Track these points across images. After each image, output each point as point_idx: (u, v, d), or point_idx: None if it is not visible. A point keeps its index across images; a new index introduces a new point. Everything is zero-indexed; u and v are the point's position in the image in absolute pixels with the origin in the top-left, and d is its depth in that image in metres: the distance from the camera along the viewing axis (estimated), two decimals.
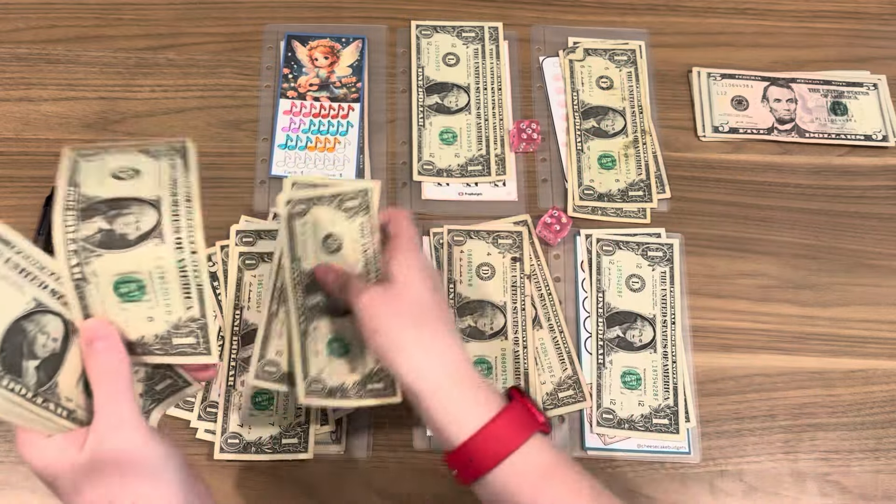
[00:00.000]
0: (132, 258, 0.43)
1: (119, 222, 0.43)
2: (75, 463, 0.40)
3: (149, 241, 0.44)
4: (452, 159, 0.74)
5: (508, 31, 0.80)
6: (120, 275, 0.43)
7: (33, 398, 0.40)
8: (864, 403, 0.67)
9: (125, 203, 0.43)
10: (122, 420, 0.41)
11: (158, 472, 0.41)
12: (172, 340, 0.45)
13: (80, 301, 0.43)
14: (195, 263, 0.44)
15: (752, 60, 0.81)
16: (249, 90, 0.77)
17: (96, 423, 0.41)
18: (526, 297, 0.69)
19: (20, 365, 0.40)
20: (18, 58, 0.77)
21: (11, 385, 0.39)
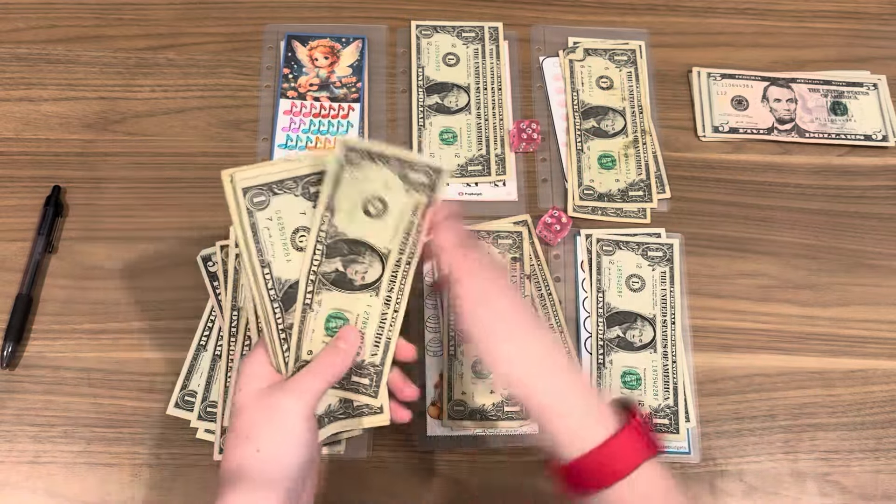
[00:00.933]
0: (349, 300, 0.51)
1: (351, 269, 0.51)
2: (253, 390, 0.49)
3: (368, 291, 0.51)
4: (453, 159, 0.74)
5: (508, 31, 0.80)
6: (335, 309, 0.51)
7: (280, 330, 0.50)
8: (864, 403, 0.67)
9: (362, 250, 0.50)
10: (301, 391, 0.48)
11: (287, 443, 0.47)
12: (352, 377, 0.52)
13: (300, 323, 0.50)
14: (394, 320, 0.52)
15: (752, 60, 0.81)
16: (249, 90, 0.77)
17: (288, 382, 0.49)
18: (526, 298, 0.69)
19: (291, 305, 0.50)
20: (18, 58, 0.77)
21: (278, 312, 0.50)
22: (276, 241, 0.49)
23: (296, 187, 0.49)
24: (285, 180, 0.49)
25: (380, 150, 0.48)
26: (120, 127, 0.75)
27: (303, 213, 0.49)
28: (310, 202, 0.49)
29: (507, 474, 0.64)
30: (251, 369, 0.50)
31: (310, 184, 0.49)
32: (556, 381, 0.48)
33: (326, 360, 0.50)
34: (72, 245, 0.70)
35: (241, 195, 0.48)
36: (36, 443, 0.63)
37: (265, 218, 0.48)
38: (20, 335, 0.66)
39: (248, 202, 0.48)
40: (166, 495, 0.62)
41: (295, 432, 0.47)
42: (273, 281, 0.49)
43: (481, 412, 0.65)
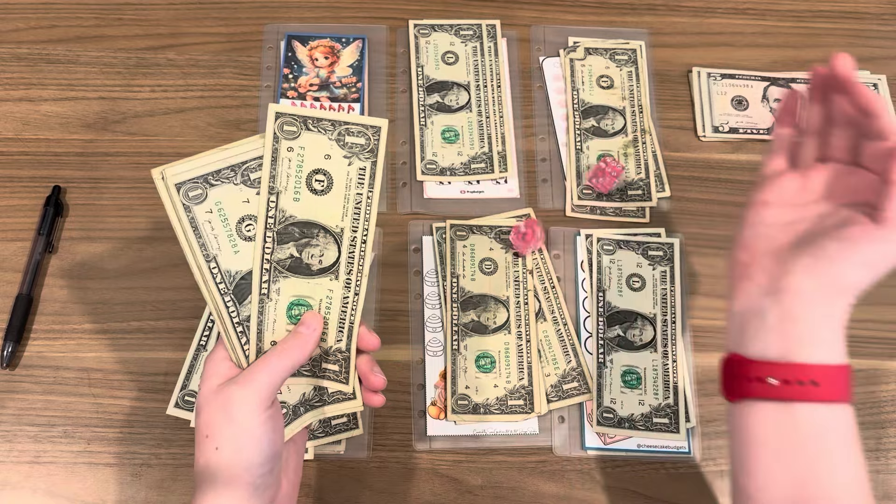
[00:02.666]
0: (309, 285, 0.49)
1: (306, 252, 0.49)
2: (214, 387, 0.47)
3: (327, 275, 0.49)
4: (455, 157, 0.74)
5: (508, 31, 0.80)
6: (296, 297, 0.49)
7: (236, 324, 0.48)
8: (864, 403, 0.67)
9: (314, 231, 0.49)
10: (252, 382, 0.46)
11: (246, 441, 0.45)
12: (321, 364, 0.51)
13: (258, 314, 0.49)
14: (355, 304, 0.50)
15: (752, 60, 0.81)
16: (249, 90, 0.77)
17: (241, 373, 0.47)
18: (528, 292, 0.69)
19: (245, 298, 0.48)
20: (18, 58, 0.77)
21: (231, 305, 0.48)
22: (220, 234, 0.47)
23: (234, 176, 0.47)
24: (222, 170, 0.47)
25: (312, 113, 0.47)
26: (120, 127, 0.75)
27: (246, 201, 0.47)
28: (252, 189, 0.48)
29: (506, 474, 0.64)
30: (212, 367, 0.48)
31: (249, 170, 0.47)
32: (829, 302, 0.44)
33: (284, 348, 0.48)
34: (72, 245, 0.70)
35: (175, 191, 0.46)
36: (36, 443, 0.63)
37: (204, 211, 0.47)
38: (20, 335, 0.66)
39: (184, 197, 0.46)
40: (166, 495, 0.62)
41: (251, 426, 0.45)
42: (222, 274, 0.48)
43: (485, 406, 0.65)
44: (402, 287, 0.70)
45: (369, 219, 0.49)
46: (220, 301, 0.48)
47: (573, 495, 0.64)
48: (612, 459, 0.65)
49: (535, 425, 0.65)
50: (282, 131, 0.47)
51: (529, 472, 0.64)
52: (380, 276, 0.70)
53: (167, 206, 0.46)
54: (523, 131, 0.76)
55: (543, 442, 0.65)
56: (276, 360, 0.47)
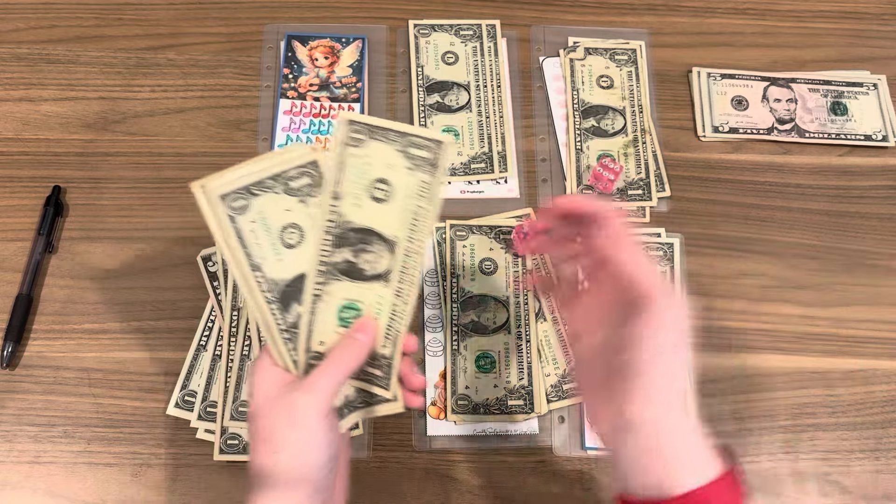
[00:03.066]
0: (360, 290, 0.50)
1: (361, 258, 0.49)
2: (270, 393, 0.48)
3: (379, 281, 0.50)
4: (455, 157, 0.74)
5: (508, 31, 0.80)
6: (347, 300, 0.50)
7: (283, 331, 0.49)
8: (864, 403, 0.67)
9: (371, 239, 0.49)
10: (315, 388, 0.47)
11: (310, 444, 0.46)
12: (366, 368, 0.51)
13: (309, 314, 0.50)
14: (403, 312, 0.50)
15: (752, 60, 0.81)
16: (249, 90, 0.77)
17: (302, 381, 0.48)
18: (528, 292, 0.69)
19: (290, 304, 0.49)
20: (18, 58, 0.77)
21: (277, 312, 0.49)
22: (264, 243, 0.48)
23: (276, 185, 0.48)
24: (264, 180, 0.47)
25: (380, 123, 0.47)
26: (120, 127, 0.75)
27: (288, 209, 0.48)
28: (294, 198, 0.48)
29: (507, 474, 0.64)
30: (262, 373, 0.49)
31: (290, 179, 0.48)
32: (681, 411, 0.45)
33: (342, 353, 0.49)
34: (72, 245, 0.70)
35: (219, 202, 0.46)
36: (36, 443, 0.63)
37: (248, 221, 0.47)
38: (20, 335, 0.66)
39: (228, 208, 0.47)
40: (166, 495, 0.62)
41: (315, 431, 0.46)
42: (267, 283, 0.48)
43: (485, 406, 0.65)
44: None
45: (425, 231, 0.49)
46: (266, 309, 0.48)
47: (573, 495, 0.64)
48: None
49: (535, 425, 0.65)
50: (349, 138, 0.47)
51: (529, 472, 0.64)
52: None
53: (209, 218, 0.47)
54: (523, 131, 0.76)
55: (543, 442, 0.65)
56: (335, 366, 0.48)
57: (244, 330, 0.66)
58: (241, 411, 0.64)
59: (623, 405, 0.44)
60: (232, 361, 0.65)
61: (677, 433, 0.44)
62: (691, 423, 0.44)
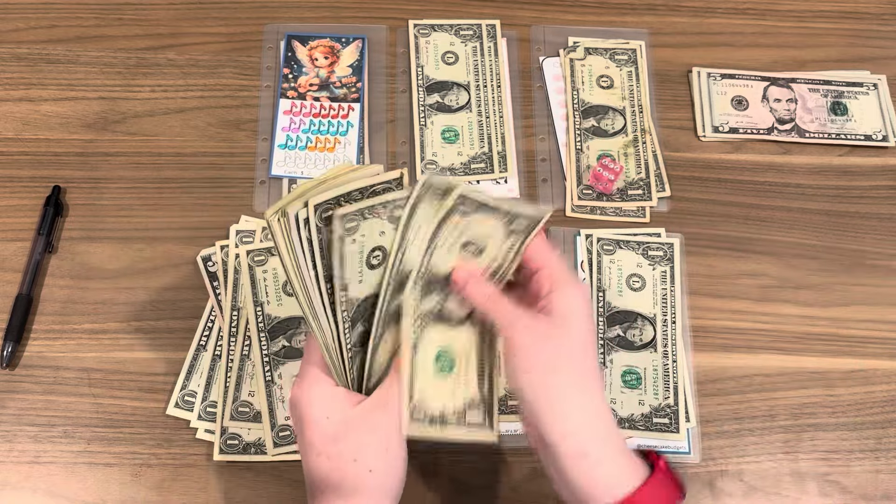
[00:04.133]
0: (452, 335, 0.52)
1: (448, 303, 0.51)
2: (346, 414, 0.48)
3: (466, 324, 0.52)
4: (455, 157, 0.74)
5: (508, 31, 0.80)
6: (441, 347, 0.52)
7: (348, 349, 0.50)
8: (864, 403, 0.67)
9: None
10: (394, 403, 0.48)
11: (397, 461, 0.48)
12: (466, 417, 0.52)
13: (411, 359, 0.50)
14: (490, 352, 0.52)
15: (752, 60, 0.81)
16: (249, 90, 0.77)
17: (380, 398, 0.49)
18: None
19: (356, 322, 0.50)
20: (18, 58, 0.77)
21: (346, 332, 0.49)
22: (356, 263, 0.48)
23: (384, 211, 0.48)
24: (376, 206, 0.47)
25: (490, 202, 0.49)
26: (120, 127, 0.75)
27: (382, 232, 0.48)
28: (391, 224, 0.48)
29: (507, 474, 0.64)
30: (320, 392, 0.50)
31: (396, 207, 0.48)
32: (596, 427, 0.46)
33: None
34: (72, 245, 0.70)
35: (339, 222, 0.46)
36: (36, 443, 0.63)
37: (351, 241, 0.47)
38: (20, 335, 0.66)
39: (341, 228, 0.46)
40: (166, 495, 0.62)
41: (400, 448, 0.49)
42: (347, 302, 0.48)
43: None
44: None
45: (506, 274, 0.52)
46: (341, 326, 0.49)
47: None
48: None
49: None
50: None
51: (529, 472, 0.64)
52: None
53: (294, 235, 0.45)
54: (523, 131, 0.76)
55: None
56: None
57: (244, 330, 0.66)
58: (241, 411, 0.64)
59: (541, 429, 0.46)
60: (232, 361, 0.65)
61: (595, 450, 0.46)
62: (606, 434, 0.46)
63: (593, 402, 0.47)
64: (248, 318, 0.66)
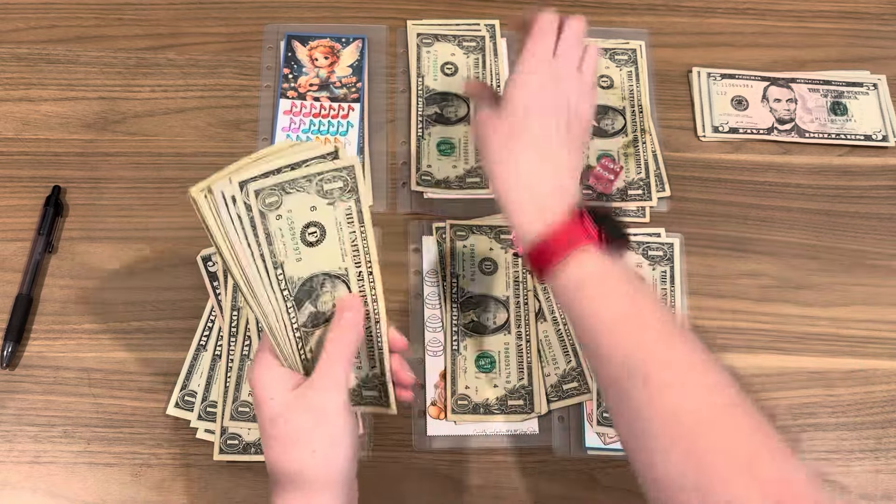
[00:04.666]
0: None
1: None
2: (286, 396, 0.48)
3: None
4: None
5: (508, 31, 0.80)
6: None
7: (294, 330, 0.49)
8: (864, 403, 0.67)
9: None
10: (334, 383, 0.48)
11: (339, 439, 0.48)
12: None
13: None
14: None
15: (751, 60, 0.81)
16: (249, 90, 0.77)
17: (314, 377, 0.48)
18: (528, 292, 0.69)
19: (303, 303, 0.49)
20: (18, 58, 0.77)
21: (291, 311, 0.48)
22: (288, 241, 0.47)
23: (310, 186, 0.47)
24: (298, 179, 0.46)
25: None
26: (120, 127, 0.75)
27: (313, 207, 0.47)
28: (323, 199, 0.47)
29: (507, 474, 0.64)
30: (268, 375, 0.49)
31: (325, 181, 0.47)
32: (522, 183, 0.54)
33: (339, 338, 0.49)
34: (72, 245, 0.70)
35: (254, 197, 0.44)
36: (36, 443, 0.63)
37: (275, 218, 0.46)
38: (20, 335, 0.66)
39: (261, 204, 0.45)
40: (166, 495, 0.62)
41: (342, 425, 0.48)
42: (286, 281, 0.48)
43: (485, 406, 0.65)
44: (401, 287, 0.70)
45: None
46: (282, 307, 0.48)
47: (573, 495, 0.64)
48: (612, 459, 0.65)
49: (535, 425, 0.65)
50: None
51: (529, 472, 0.64)
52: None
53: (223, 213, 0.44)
54: None
55: (543, 442, 0.65)
56: (338, 353, 0.48)
57: (244, 330, 0.66)
58: (241, 411, 0.64)
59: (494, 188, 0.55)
60: (232, 361, 0.65)
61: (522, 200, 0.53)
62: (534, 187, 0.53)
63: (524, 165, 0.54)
64: (248, 318, 0.66)
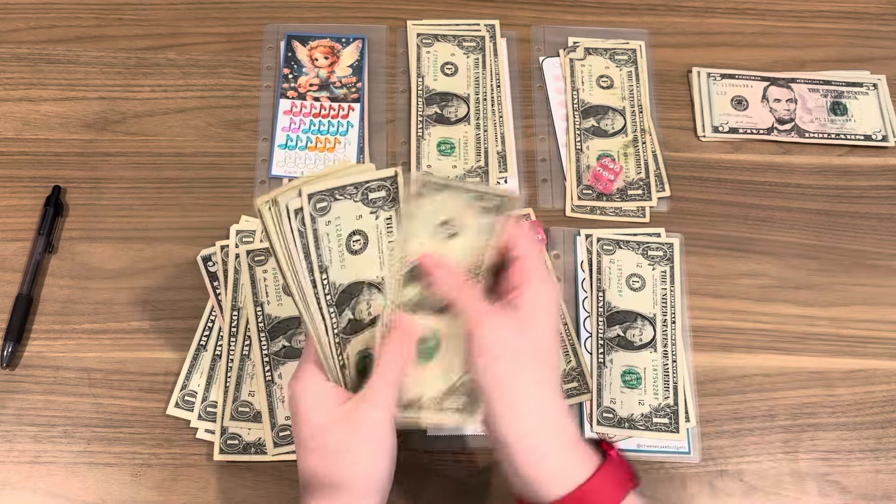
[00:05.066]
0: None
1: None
2: (331, 411, 0.48)
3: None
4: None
5: (508, 31, 0.80)
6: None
7: (335, 335, 0.50)
8: (864, 403, 0.67)
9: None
10: (386, 400, 0.48)
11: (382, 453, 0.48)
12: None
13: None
14: None
15: (751, 60, 0.81)
16: (249, 90, 0.77)
17: (366, 392, 0.48)
18: None
19: (343, 309, 0.50)
20: (18, 58, 0.77)
21: (333, 316, 0.49)
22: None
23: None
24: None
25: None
26: (120, 127, 0.75)
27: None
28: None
29: None
30: (312, 388, 0.50)
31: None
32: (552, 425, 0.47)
33: (392, 357, 0.49)
34: (72, 245, 0.70)
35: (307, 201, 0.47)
36: (36, 443, 0.63)
37: (325, 223, 0.48)
38: (20, 335, 0.66)
39: (312, 208, 0.47)
40: (166, 495, 0.62)
41: (387, 442, 0.48)
42: (329, 286, 0.49)
43: None
44: None
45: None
46: (326, 312, 0.49)
47: None
48: None
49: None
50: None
51: None
52: None
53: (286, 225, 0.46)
54: (523, 131, 0.76)
55: None
56: (390, 373, 0.49)
57: (244, 330, 0.66)
58: (241, 411, 0.64)
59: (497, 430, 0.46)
60: (232, 361, 0.65)
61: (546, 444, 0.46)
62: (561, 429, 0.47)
63: (551, 401, 0.47)
64: (248, 318, 0.66)
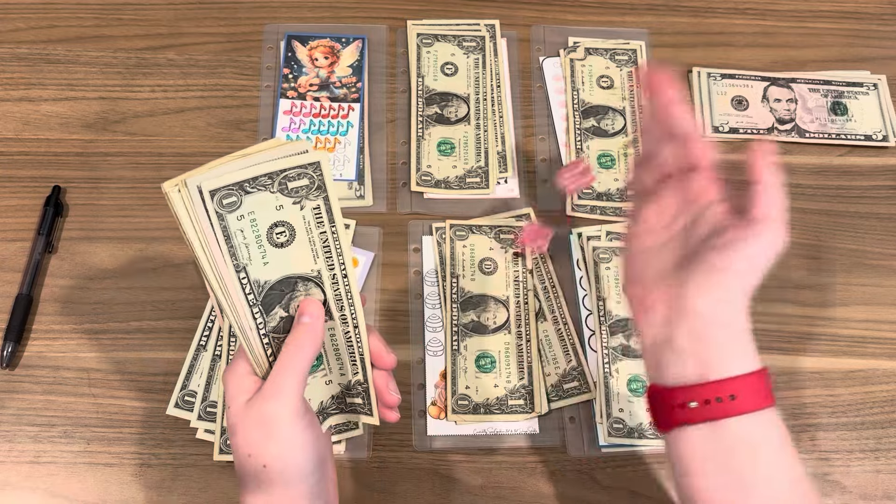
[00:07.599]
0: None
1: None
2: (243, 404, 0.46)
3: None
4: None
5: (508, 31, 0.80)
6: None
7: (263, 335, 0.47)
8: (864, 403, 0.67)
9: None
10: (281, 391, 0.45)
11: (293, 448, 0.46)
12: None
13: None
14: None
15: (751, 60, 0.81)
16: (249, 90, 0.77)
17: (264, 386, 0.46)
18: (528, 291, 0.69)
19: (273, 307, 0.47)
20: (18, 58, 0.77)
21: (258, 315, 0.46)
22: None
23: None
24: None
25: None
26: (120, 127, 0.75)
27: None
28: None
29: (507, 474, 0.64)
30: (235, 382, 0.47)
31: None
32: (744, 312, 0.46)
33: (296, 344, 0.46)
34: (72, 245, 0.70)
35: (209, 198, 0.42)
36: (36, 443, 0.63)
37: (236, 219, 0.43)
38: (20, 335, 0.66)
39: (217, 205, 0.42)
40: (166, 495, 0.62)
41: (293, 436, 0.45)
42: (251, 285, 0.45)
43: (485, 406, 0.65)
44: (402, 287, 0.70)
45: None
46: (248, 312, 0.46)
47: (573, 495, 0.64)
48: (612, 459, 0.65)
49: (536, 425, 0.65)
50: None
51: (530, 472, 0.64)
52: (380, 276, 0.70)
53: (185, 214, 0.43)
54: (523, 131, 0.76)
55: (544, 442, 0.65)
56: (294, 361, 0.46)
57: None
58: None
59: (687, 293, 0.45)
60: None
61: (731, 325, 0.44)
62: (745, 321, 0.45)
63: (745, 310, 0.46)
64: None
